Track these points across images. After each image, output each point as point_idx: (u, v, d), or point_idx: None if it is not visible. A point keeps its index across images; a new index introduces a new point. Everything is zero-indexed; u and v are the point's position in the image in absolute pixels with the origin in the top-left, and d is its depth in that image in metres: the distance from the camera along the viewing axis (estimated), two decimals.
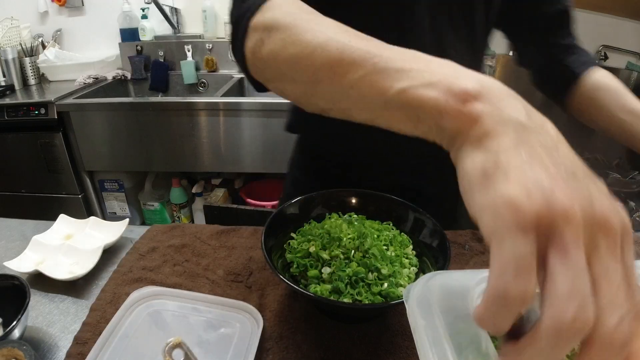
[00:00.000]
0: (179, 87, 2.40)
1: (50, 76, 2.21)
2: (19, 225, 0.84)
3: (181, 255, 0.74)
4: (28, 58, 2.12)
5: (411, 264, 0.60)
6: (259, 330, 0.55)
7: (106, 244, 0.74)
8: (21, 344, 0.46)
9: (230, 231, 0.81)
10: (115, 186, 2.13)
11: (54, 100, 1.82)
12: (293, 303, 0.63)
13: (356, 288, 0.54)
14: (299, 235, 0.64)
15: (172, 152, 1.93)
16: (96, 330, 0.56)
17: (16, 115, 1.83)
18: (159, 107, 1.84)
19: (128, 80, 2.36)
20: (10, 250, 0.76)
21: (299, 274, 0.59)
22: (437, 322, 0.37)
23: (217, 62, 2.35)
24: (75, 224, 0.82)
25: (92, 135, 1.90)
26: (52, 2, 2.29)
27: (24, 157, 1.93)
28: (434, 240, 0.62)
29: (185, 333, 0.55)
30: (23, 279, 0.56)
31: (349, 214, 0.69)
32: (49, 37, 2.33)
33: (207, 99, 1.84)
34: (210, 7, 2.24)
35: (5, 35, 2.07)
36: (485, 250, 0.76)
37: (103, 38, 2.37)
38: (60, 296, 0.65)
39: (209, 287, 0.66)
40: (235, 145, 1.89)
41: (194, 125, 1.86)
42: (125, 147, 1.93)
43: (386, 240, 0.61)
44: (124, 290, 0.64)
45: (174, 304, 0.60)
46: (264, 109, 1.80)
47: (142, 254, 0.74)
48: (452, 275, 0.43)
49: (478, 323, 0.24)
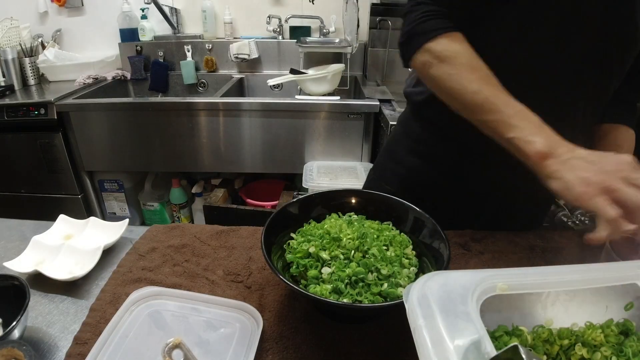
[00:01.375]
0: (179, 87, 2.40)
1: (50, 76, 2.21)
2: (18, 226, 0.84)
3: (181, 255, 0.74)
4: (28, 58, 2.12)
5: (411, 264, 0.60)
6: (258, 330, 0.55)
7: (106, 244, 0.74)
8: (21, 344, 0.46)
9: (230, 231, 0.81)
10: (115, 186, 2.12)
11: (53, 100, 1.82)
12: (293, 303, 0.63)
13: (356, 288, 0.54)
14: (298, 236, 0.64)
15: (172, 153, 1.93)
16: (96, 330, 0.56)
17: (16, 115, 1.83)
18: (158, 107, 1.84)
19: (128, 80, 2.36)
20: (10, 251, 0.76)
21: (299, 274, 0.59)
22: (437, 322, 0.37)
23: (217, 62, 2.35)
24: (75, 224, 0.82)
25: (92, 135, 1.90)
26: (51, 2, 2.29)
27: (24, 158, 1.93)
28: (434, 241, 0.62)
29: (184, 333, 0.55)
30: (23, 279, 0.56)
31: (349, 214, 0.69)
32: (49, 37, 2.33)
33: (207, 99, 1.84)
34: (210, 7, 2.24)
35: (5, 36, 2.07)
36: (484, 250, 0.76)
37: (103, 38, 2.37)
38: (60, 296, 0.65)
39: (209, 287, 0.66)
40: (234, 145, 1.89)
41: (193, 126, 1.86)
42: (125, 148, 1.93)
43: (386, 240, 0.61)
44: (124, 290, 0.64)
45: (174, 304, 0.60)
46: (263, 109, 1.80)
47: (142, 254, 0.74)
48: (451, 275, 0.43)
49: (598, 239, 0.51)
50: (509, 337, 0.44)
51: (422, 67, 0.70)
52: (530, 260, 0.74)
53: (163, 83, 2.36)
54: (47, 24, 2.35)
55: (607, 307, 0.48)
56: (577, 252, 0.77)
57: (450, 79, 0.66)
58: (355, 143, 1.87)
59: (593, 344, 0.44)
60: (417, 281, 0.42)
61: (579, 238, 0.80)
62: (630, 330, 0.46)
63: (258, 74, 2.36)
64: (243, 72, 2.36)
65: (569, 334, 0.45)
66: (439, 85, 0.69)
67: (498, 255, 0.74)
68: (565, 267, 0.47)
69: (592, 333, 0.44)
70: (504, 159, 0.62)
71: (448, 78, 0.66)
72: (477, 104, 0.63)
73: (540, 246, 0.77)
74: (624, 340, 0.45)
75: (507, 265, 0.72)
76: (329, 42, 2.21)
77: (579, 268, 0.47)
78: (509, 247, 0.77)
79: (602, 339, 0.44)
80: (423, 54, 0.69)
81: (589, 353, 0.43)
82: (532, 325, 0.46)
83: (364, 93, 1.94)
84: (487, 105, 0.62)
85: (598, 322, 0.47)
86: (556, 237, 0.80)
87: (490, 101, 0.61)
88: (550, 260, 0.74)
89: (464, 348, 0.34)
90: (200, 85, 2.39)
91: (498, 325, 0.46)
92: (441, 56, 0.67)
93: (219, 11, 2.29)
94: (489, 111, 0.61)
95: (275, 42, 2.29)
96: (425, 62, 0.69)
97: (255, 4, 2.28)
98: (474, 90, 0.63)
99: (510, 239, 0.79)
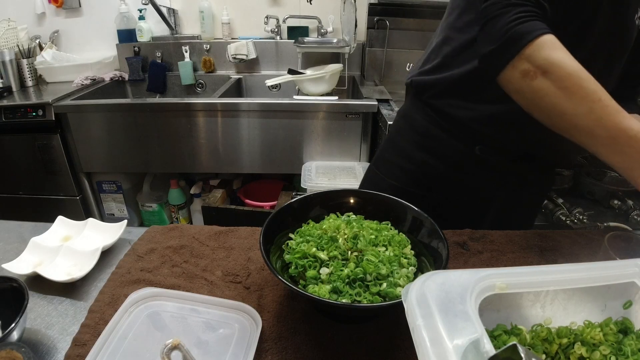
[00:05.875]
0: (177, 88, 2.40)
1: (47, 77, 2.20)
2: (16, 227, 0.84)
3: (179, 256, 0.73)
4: (25, 59, 2.11)
5: (410, 264, 0.60)
6: (257, 331, 0.55)
7: (104, 246, 0.74)
8: (20, 346, 0.46)
9: (228, 232, 0.81)
10: (113, 187, 2.12)
11: (51, 101, 1.82)
12: (292, 303, 0.63)
13: (355, 288, 0.54)
14: (297, 236, 0.64)
15: (170, 153, 1.92)
16: (95, 331, 0.56)
17: (14, 116, 1.82)
18: (156, 108, 1.84)
19: (125, 81, 2.35)
20: (8, 252, 0.75)
21: (298, 274, 0.59)
22: (435, 322, 0.37)
23: (215, 62, 2.35)
24: (73, 225, 0.82)
25: (90, 136, 1.89)
26: (49, 3, 2.28)
27: (22, 159, 1.93)
28: (432, 240, 0.62)
29: (183, 334, 0.55)
30: (21, 280, 0.56)
31: (347, 214, 0.69)
32: (46, 38, 2.32)
33: (205, 99, 1.84)
34: (207, 7, 2.24)
35: (3, 37, 2.07)
36: (483, 249, 0.76)
37: (100, 39, 2.36)
38: (59, 298, 0.65)
39: (208, 288, 0.66)
40: (233, 146, 1.88)
41: (192, 126, 1.85)
42: (123, 149, 1.93)
43: (384, 240, 0.61)
44: (123, 291, 0.64)
45: (173, 305, 0.59)
46: (261, 109, 1.80)
47: (141, 256, 0.73)
48: (450, 275, 0.43)
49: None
50: (507, 336, 0.44)
51: (524, 78, 0.60)
52: (528, 259, 0.74)
53: (161, 84, 2.36)
54: (44, 25, 2.35)
55: (606, 306, 0.48)
56: (575, 251, 0.77)
57: (554, 96, 0.58)
58: (353, 143, 1.87)
59: (592, 342, 0.44)
60: (415, 281, 0.42)
61: (578, 237, 0.81)
62: (629, 328, 0.46)
63: (256, 75, 2.36)
64: (241, 73, 2.36)
65: (568, 333, 0.45)
66: (538, 99, 0.60)
67: (497, 254, 0.75)
68: (564, 265, 0.47)
69: (591, 332, 0.44)
70: (515, 149, 0.59)
71: (552, 94, 0.58)
72: (582, 129, 0.57)
73: (538, 245, 0.78)
74: (623, 338, 0.45)
75: (506, 264, 0.72)
76: (327, 42, 2.21)
77: (577, 267, 0.47)
78: (508, 246, 0.77)
79: (601, 337, 0.44)
80: (522, 63, 0.59)
81: (588, 352, 0.43)
82: (530, 324, 0.46)
83: (362, 93, 1.94)
84: (595, 134, 0.56)
85: (597, 321, 0.47)
86: (555, 236, 0.81)
87: (598, 127, 0.56)
88: (549, 259, 0.74)
89: (462, 347, 0.34)
90: (198, 86, 2.39)
91: (497, 324, 0.46)
92: (544, 66, 0.58)
93: (217, 12, 2.29)
94: (596, 139, 0.57)
95: (273, 42, 2.29)
96: (527, 72, 0.59)
97: (253, 4, 2.28)
98: (581, 113, 0.56)
99: (508, 238, 0.79)
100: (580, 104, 0.56)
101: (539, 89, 0.59)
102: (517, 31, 0.59)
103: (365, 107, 1.78)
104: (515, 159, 0.81)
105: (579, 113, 0.56)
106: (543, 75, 0.58)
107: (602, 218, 1.25)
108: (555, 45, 0.58)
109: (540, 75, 0.58)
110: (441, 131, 0.83)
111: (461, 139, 0.81)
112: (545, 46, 0.58)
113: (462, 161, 0.84)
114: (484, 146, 0.80)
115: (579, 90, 0.56)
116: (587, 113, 0.56)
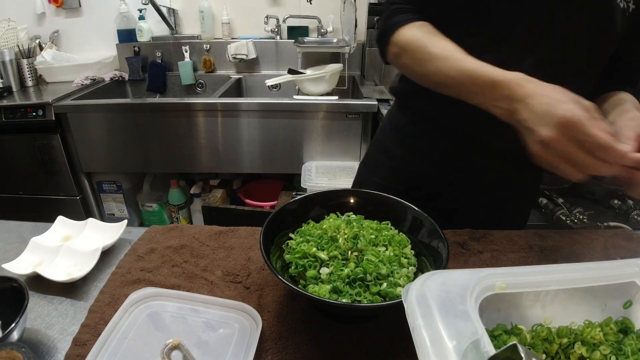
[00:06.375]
0: (177, 88, 2.40)
1: (47, 77, 2.20)
2: (17, 227, 0.84)
3: (179, 256, 0.74)
4: (25, 59, 2.11)
5: (410, 264, 0.60)
6: (257, 330, 0.55)
7: (104, 246, 0.74)
8: (20, 346, 0.46)
9: (228, 232, 0.81)
10: (113, 187, 2.12)
11: (51, 101, 1.82)
12: (292, 303, 0.63)
13: (355, 288, 0.54)
14: (297, 236, 0.64)
15: (170, 153, 1.92)
16: (95, 331, 0.56)
17: (14, 117, 1.82)
18: (156, 108, 1.84)
19: (126, 81, 2.35)
20: (8, 252, 0.75)
21: (298, 274, 0.59)
22: (436, 322, 0.37)
23: (215, 62, 2.35)
24: (74, 225, 0.82)
25: (90, 136, 1.89)
26: (49, 3, 2.28)
27: (22, 159, 1.93)
28: (432, 240, 0.62)
29: (183, 334, 0.55)
30: (21, 280, 0.56)
31: (347, 214, 0.69)
32: (46, 38, 2.32)
33: (205, 99, 1.84)
34: (207, 7, 2.24)
35: (3, 37, 2.07)
36: (483, 249, 0.76)
37: (100, 39, 2.36)
38: (59, 298, 0.65)
39: (208, 288, 0.66)
40: (233, 145, 1.88)
41: (192, 126, 1.86)
42: (123, 149, 1.93)
43: (384, 240, 0.61)
44: (123, 291, 0.64)
45: (173, 305, 0.59)
46: (261, 109, 1.80)
47: (141, 255, 0.73)
48: (450, 275, 0.43)
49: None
50: (508, 336, 0.44)
51: (394, 60, 0.75)
52: (528, 259, 0.74)
53: (161, 84, 2.36)
54: (44, 25, 2.35)
55: (606, 306, 0.48)
56: (575, 250, 0.77)
57: (416, 65, 0.70)
58: (353, 143, 1.87)
59: (592, 342, 0.44)
60: (415, 281, 0.42)
61: (578, 237, 0.81)
62: (629, 328, 0.46)
63: (256, 74, 2.36)
64: (241, 73, 2.36)
65: (568, 333, 0.45)
66: (409, 71, 0.74)
67: (497, 254, 0.75)
68: (564, 265, 0.47)
69: (591, 331, 0.44)
70: (491, 145, 0.62)
71: (414, 63, 0.70)
72: (441, 81, 0.66)
73: (538, 245, 0.78)
74: (623, 338, 0.45)
75: (506, 264, 0.72)
76: (327, 42, 2.21)
77: (577, 266, 0.47)
78: (508, 246, 0.77)
79: (601, 337, 0.44)
80: (392, 47, 0.73)
81: (588, 351, 0.43)
82: (531, 324, 0.46)
83: (362, 93, 1.94)
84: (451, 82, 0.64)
85: (597, 321, 0.47)
86: (555, 236, 0.81)
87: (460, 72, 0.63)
88: (549, 259, 0.74)
89: (463, 347, 0.35)
90: (198, 86, 2.39)
91: (497, 324, 0.46)
92: (404, 44, 0.71)
93: (217, 12, 2.29)
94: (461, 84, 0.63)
95: (273, 42, 2.29)
96: (395, 54, 0.74)
97: (253, 4, 2.28)
98: (433, 71, 0.66)
99: (508, 238, 0.79)
100: (429, 65, 0.67)
101: (404, 64, 0.74)
102: (387, 24, 0.74)
103: (365, 107, 1.78)
104: (490, 154, 0.81)
105: (431, 72, 0.67)
106: (403, 52, 0.72)
107: (602, 218, 1.26)
108: (413, 27, 0.71)
109: (402, 53, 0.72)
110: (421, 129, 0.87)
111: (440, 136, 0.84)
112: (405, 31, 0.71)
113: (442, 157, 0.86)
114: (457, 141, 0.82)
115: (425, 56, 0.67)
116: (436, 71, 0.66)
